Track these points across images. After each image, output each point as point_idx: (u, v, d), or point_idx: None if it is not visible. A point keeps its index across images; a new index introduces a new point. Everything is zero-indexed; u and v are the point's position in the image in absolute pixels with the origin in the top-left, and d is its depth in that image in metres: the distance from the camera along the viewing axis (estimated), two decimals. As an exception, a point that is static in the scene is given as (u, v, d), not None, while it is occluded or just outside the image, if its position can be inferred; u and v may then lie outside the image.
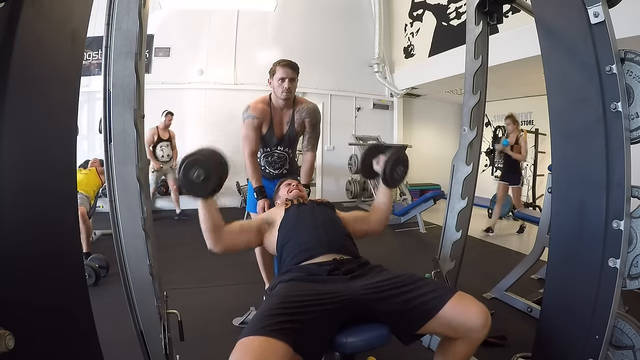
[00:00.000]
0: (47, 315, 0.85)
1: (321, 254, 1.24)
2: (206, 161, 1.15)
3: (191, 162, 1.13)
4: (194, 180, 1.13)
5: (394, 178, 1.51)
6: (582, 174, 1.08)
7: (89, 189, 3.09)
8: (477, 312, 1.00)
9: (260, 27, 5.83)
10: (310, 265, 1.21)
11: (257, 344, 0.82)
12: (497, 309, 2.12)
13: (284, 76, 1.82)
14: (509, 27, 2.99)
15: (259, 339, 0.83)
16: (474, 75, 1.63)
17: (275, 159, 2.02)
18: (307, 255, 1.24)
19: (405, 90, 6.44)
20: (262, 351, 0.81)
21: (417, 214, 4.38)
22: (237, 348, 0.82)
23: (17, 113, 0.78)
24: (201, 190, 1.18)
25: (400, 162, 1.51)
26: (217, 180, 1.17)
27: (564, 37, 1.10)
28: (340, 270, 1.17)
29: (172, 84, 5.48)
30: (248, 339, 0.83)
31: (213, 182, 1.17)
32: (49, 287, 0.89)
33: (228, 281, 2.66)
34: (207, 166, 1.14)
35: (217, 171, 1.17)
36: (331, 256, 1.23)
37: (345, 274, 1.15)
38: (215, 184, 1.17)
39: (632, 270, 0.99)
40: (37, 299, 0.83)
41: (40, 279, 0.85)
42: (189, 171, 1.12)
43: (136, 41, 1.03)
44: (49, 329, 0.86)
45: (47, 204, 0.91)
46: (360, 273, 1.17)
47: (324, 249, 1.25)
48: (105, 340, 1.08)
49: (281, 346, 0.84)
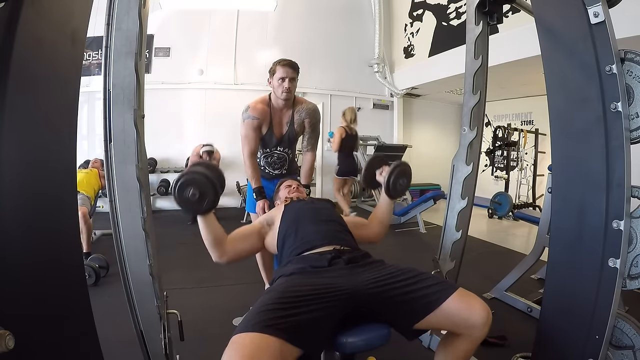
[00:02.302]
0: (47, 315, 0.85)
1: (322, 245, 1.24)
2: (200, 179, 1.13)
3: (185, 181, 1.11)
4: (189, 199, 1.12)
5: (397, 189, 1.51)
6: (582, 174, 1.08)
7: (89, 188, 3.10)
8: (479, 309, 1.00)
9: (260, 27, 5.83)
10: (311, 255, 1.21)
11: (249, 341, 0.81)
12: (497, 309, 2.12)
13: (284, 76, 1.81)
14: (509, 27, 3.00)
15: (251, 335, 0.83)
16: (474, 75, 1.62)
17: (275, 159, 2.02)
18: (308, 246, 1.24)
19: (405, 90, 6.44)
20: (255, 347, 0.80)
21: (417, 214, 4.38)
22: (230, 345, 0.81)
23: (17, 113, 0.78)
24: (198, 209, 1.17)
25: (404, 174, 1.52)
26: (212, 196, 1.15)
27: (564, 37, 1.10)
28: (341, 259, 1.16)
29: (172, 84, 5.48)
30: (240, 335, 0.83)
31: (209, 199, 1.15)
32: (49, 287, 0.89)
33: (228, 281, 2.66)
34: (201, 184, 1.13)
35: (212, 188, 1.15)
36: (331, 246, 1.23)
37: (347, 263, 1.15)
38: (211, 201, 1.16)
39: (632, 270, 0.99)
40: (37, 299, 0.83)
41: (40, 279, 0.85)
42: (184, 190, 1.11)
43: (136, 41, 1.03)
44: (49, 329, 0.86)
45: (47, 204, 0.91)
46: (362, 263, 1.17)
47: (325, 241, 1.25)
48: (105, 340, 1.08)
49: (275, 342, 0.83)
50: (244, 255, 1.38)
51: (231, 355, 0.79)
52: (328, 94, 6.13)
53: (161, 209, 5.49)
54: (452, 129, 7.35)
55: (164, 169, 5.37)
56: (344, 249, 1.23)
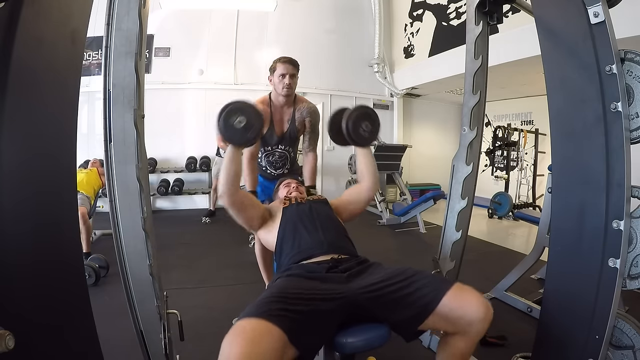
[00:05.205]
0: (47, 315, 0.85)
1: (319, 254, 1.24)
2: (249, 110, 1.16)
3: (234, 108, 1.14)
4: (235, 126, 1.14)
5: (361, 135, 1.40)
6: (582, 174, 1.08)
7: (89, 188, 3.10)
8: (476, 303, 0.97)
9: (260, 27, 5.83)
10: (308, 264, 1.22)
11: (251, 326, 0.81)
12: (497, 309, 2.10)
13: (284, 72, 1.83)
14: (509, 27, 2.99)
15: (254, 320, 0.82)
16: (474, 75, 1.62)
17: (277, 158, 2.02)
18: (305, 255, 1.25)
19: (405, 90, 6.43)
20: (256, 332, 0.80)
21: (417, 214, 4.38)
22: (231, 330, 0.81)
23: (17, 113, 0.78)
24: (241, 137, 1.19)
25: (364, 117, 1.39)
26: (257, 128, 1.19)
27: (564, 37, 1.10)
28: (338, 269, 1.17)
29: (172, 84, 5.48)
30: (242, 321, 0.82)
31: (254, 129, 1.18)
32: (49, 287, 0.89)
33: (228, 281, 2.66)
34: (249, 114, 1.16)
35: (258, 120, 1.18)
36: (329, 256, 1.23)
37: (343, 272, 1.15)
38: (256, 132, 1.19)
39: (632, 270, 0.99)
40: (37, 299, 0.83)
41: (40, 279, 0.85)
42: (231, 117, 1.13)
43: (136, 41, 1.03)
44: (49, 329, 0.86)
45: (47, 204, 0.91)
46: (358, 270, 1.17)
47: (323, 250, 1.26)
48: (105, 340, 1.08)
49: (276, 330, 0.82)
50: (242, 213, 1.38)
51: (232, 339, 0.78)
52: (328, 94, 6.13)
53: (161, 209, 5.49)
54: (452, 129, 7.35)
55: (164, 169, 5.37)
56: (342, 258, 1.23)
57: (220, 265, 3.03)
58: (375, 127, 1.42)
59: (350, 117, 1.35)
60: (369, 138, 1.43)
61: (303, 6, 6.03)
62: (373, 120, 1.42)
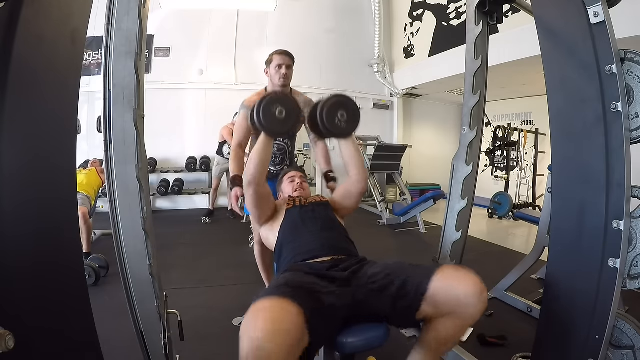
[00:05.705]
0: (47, 315, 0.85)
1: (321, 256, 1.26)
2: (288, 102, 1.18)
3: (275, 99, 1.16)
4: (275, 116, 1.16)
5: (337, 125, 1.31)
6: (582, 173, 1.08)
7: (89, 189, 3.10)
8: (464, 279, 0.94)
9: (260, 27, 5.83)
10: (310, 263, 1.24)
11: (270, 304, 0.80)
12: (497, 309, 2.12)
13: (281, 63, 1.89)
14: (509, 27, 2.99)
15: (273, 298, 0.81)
16: (474, 75, 1.62)
17: (275, 150, 2.01)
18: (307, 255, 1.27)
19: (405, 90, 6.43)
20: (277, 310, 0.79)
21: (417, 214, 4.38)
22: (252, 309, 0.80)
23: (17, 113, 0.78)
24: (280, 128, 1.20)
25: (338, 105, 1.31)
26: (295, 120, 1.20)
27: (564, 37, 1.10)
28: (339, 267, 1.19)
29: (172, 84, 5.48)
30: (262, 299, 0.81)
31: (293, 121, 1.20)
32: (49, 287, 0.89)
33: (228, 281, 2.66)
34: (289, 106, 1.17)
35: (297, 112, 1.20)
36: (330, 257, 1.26)
37: (344, 271, 1.17)
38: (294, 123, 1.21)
39: (632, 270, 0.99)
40: (37, 299, 0.83)
41: (40, 279, 0.85)
42: (272, 106, 1.14)
43: (136, 41, 1.03)
44: (49, 329, 0.86)
45: (47, 204, 0.91)
46: (357, 268, 1.19)
47: (324, 251, 1.27)
48: (105, 340, 1.07)
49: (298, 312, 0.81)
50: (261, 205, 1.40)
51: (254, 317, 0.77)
52: (328, 94, 6.12)
53: (161, 209, 5.49)
54: (452, 129, 7.35)
55: (164, 169, 5.37)
56: (342, 258, 1.25)
57: (220, 265, 3.03)
58: (351, 115, 1.33)
59: (323, 107, 1.29)
60: (347, 128, 1.34)
61: (303, 6, 6.03)
62: (347, 108, 1.33)
